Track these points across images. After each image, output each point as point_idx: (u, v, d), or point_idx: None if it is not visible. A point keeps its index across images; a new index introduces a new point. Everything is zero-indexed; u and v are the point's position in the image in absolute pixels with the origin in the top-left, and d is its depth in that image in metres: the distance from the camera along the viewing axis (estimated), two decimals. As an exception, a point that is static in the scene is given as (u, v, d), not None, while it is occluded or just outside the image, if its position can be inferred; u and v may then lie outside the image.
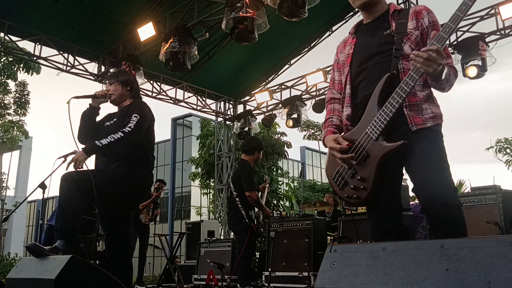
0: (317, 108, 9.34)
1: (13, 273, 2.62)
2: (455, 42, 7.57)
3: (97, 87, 9.06)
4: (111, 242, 3.14)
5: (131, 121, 3.02)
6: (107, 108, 3.46)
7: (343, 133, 2.22)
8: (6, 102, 15.59)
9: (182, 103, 9.99)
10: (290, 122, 9.63)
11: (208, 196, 16.67)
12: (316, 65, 9.38)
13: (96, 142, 2.91)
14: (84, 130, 3.20)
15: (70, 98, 3.02)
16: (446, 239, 1.20)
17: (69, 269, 2.18)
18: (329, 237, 6.33)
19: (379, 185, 2.00)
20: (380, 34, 2.15)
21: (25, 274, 2.45)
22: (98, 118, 3.35)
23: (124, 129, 2.98)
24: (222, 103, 10.87)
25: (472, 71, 7.18)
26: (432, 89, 2.13)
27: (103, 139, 2.93)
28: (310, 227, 5.74)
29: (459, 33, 7.65)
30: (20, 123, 16.15)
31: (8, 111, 15.78)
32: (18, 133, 16.31)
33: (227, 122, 10.99)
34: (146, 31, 7.24)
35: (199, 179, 16.33)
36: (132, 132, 2.98)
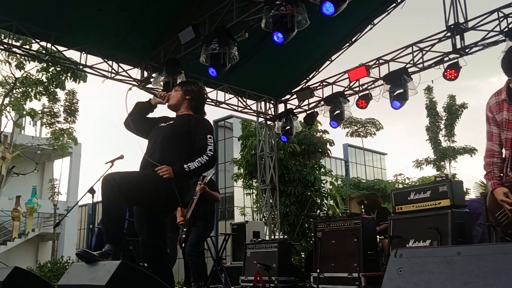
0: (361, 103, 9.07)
1: (64, 279, 2.65)
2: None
3: (141, 93, 9.27)
4: (148, 247, 3.11)
5: (208, 144, 3.10)
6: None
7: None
8: (55, 110, 16.20)
9: (223, 105, 10.01)
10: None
11: (251, 196, 16.67)
12: (359, 60, 9.13)
13: (184, 166, 2.97)
14: (133, 115, 3.30)
15: (130, 87, 3.27)
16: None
17: (118, 275, 2.18)
18: (378, 236, 6.11)
19: None
20: None
21: (76, 280, 2.47)
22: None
23: (207, 153, 3.05)
24: (263, 103, 10.81)
25: None
26: None
27: (190, 163, 2.99)
28: (358, 227, 5.57)
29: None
30: (70, 130, 16.73)
31: (58, 119, 16.38)
32: (68, 140, 16.89)
33: (268, 122, 10.92)
34: (186, 35, 7.27)
35: (242, 179, 16.34)
36: (215, 154, 3.09)
